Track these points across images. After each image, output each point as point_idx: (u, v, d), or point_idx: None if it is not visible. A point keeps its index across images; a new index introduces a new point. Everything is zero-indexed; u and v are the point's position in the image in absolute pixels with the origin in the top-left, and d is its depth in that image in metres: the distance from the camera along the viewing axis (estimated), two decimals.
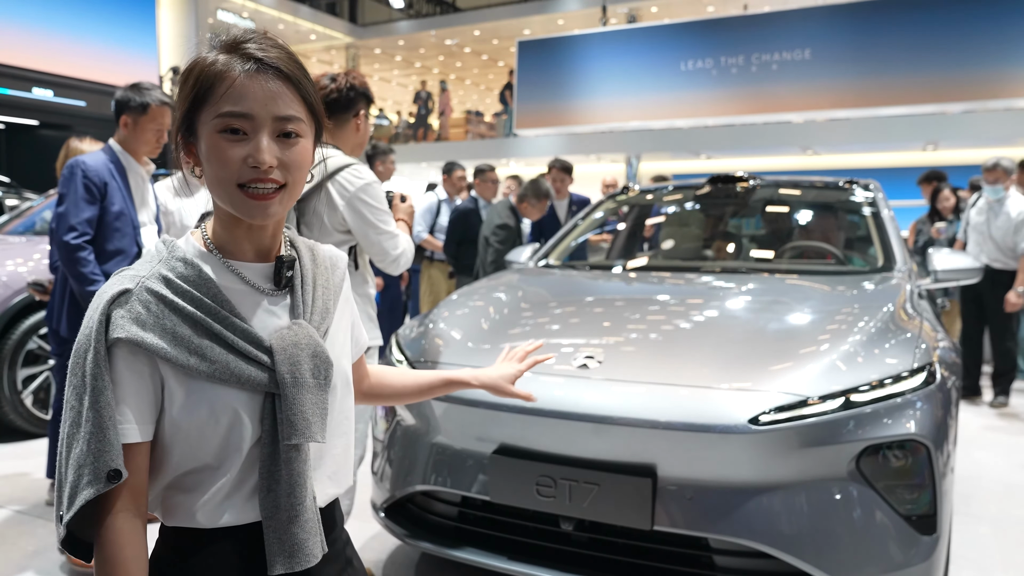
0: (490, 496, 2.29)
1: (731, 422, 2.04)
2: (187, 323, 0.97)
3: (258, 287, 1.05)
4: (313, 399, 1.01)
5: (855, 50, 13.18)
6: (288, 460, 1.00)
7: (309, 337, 1.03)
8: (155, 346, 0.94)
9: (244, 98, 0.97)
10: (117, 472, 0.93)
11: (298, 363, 1.00)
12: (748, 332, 2.48)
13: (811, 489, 2.04)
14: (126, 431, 0.95)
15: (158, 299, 0.96)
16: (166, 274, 0.98)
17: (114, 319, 0.94)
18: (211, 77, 0.98)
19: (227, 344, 0.98)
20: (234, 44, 1.00)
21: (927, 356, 2.28)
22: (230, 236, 1.04)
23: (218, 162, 0.97)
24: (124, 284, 0.97)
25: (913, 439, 2.06)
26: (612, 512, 2.13)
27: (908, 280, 3.04)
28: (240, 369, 0.98)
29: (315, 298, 1.09)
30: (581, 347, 2.43)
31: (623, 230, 4.68)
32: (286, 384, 0.99)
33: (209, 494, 1.00)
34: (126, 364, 0.95)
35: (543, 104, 16.50)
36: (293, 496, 1.00)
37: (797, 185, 4.16)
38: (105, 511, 0.95)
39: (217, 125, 0.97)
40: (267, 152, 0.97)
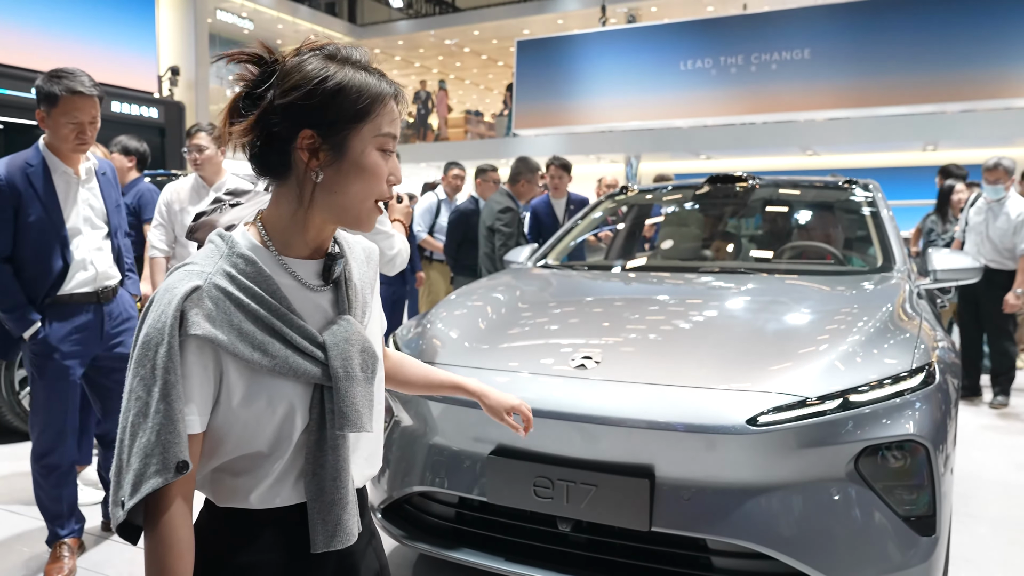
0: (487, 497, 2.29)
1: (729, 423, 2.03)
2: (251, 319, 1.02)
3: (307, 283, 1.10)
4: (362, 391, 1.09)
5: (854, 50, 13.17)
6: (335, 447, 1.07)
7: (358, 333, 1.10)
8: (225, 343, 0.99)
9: (395, 123, 1.08)
10: (185, 463, 0.98)
11: (349, 358, 1.07)
12: (746, 332, 2.48)
13: (809, 490, 2.03)
14: (191, 423, 1.00)
15: (225, 296, 1.01)
16: (229, 270, 1.03)
17: (189, 316, 0.98)
18: (379, 97, 1.06)
19: (286, 340, 1.04)
20: (362, 63, 1.08)
21: (926, 356, 2.27)
22: (294, 236, 1.09)
23: (374, 177, 1.06)
24: (194, 281, 1.01)
25: (912, 439, 2.05)
26: (610, 513, 2.12)
27: (907, 280, 3.04)
28: (297, 364, 1.04)
29: (357, 293, 1.15)
30: (579, 347, 2.42)
31: (622, 230, 4.66)
32: (339, 378, 1.06)
33: (260, 478, 1.07)
34: (196, 359, 1.00)
35: (542, 104, 16.49)
36: (338, 480, 1.08)
37: (796, 185, 4.15)
38: (160, 496, 1.00)
39: (379, 143, 1.06)
40: (400, 169, 1.10)
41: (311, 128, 1.04)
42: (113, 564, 2.97)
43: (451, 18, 21.39)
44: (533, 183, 5.39)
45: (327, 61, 1.06)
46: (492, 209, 5.22)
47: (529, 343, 2.60)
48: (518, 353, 2.54)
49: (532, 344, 2.58)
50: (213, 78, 16.90)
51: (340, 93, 1.04)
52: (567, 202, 5.81)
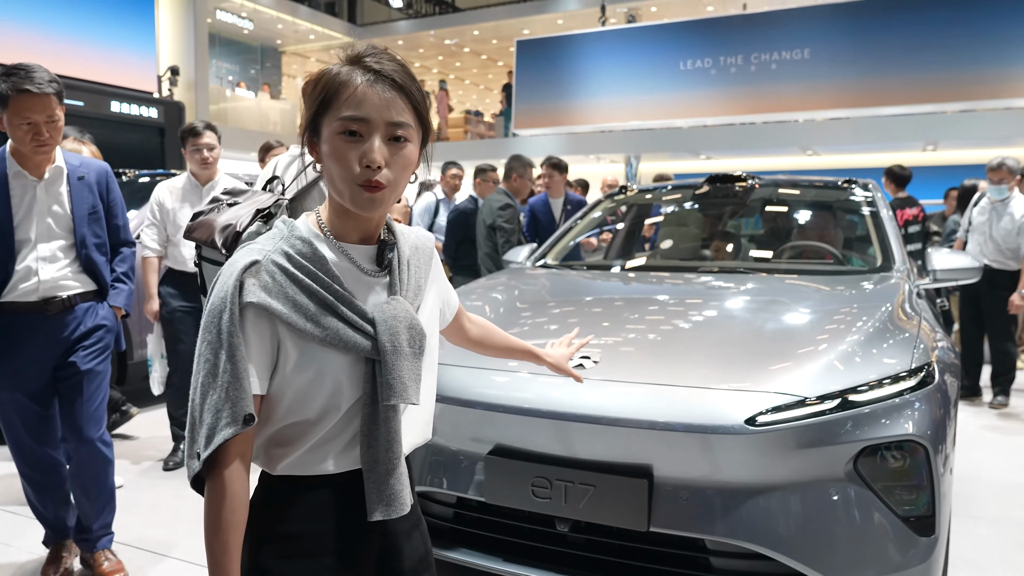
0: (485, 497, 2.28)
1: (727, 423, 2.02)
2: (305, 293, 1.10)
3: (362, 267, 1.18)
4: (409, 365, 1.15)
5: (854, 50, 13.18)
6: (387, 419, 1.14)
7: (406, 311, 1.16)
8: (279, 311, 1.08)
9: (363, 104, 1.11)
10: (252, 416, 1.07)
11: (397, 333, 1.14)
12: (745, 332, 2.47)
13: (808, 490, 2.02)
14: (253, 383, 1.09)
15: (281, 271, 1.10)
16: (287, 250, 1.12)
17: (247, 286, 1.08)
18: (336, 85, 1.12)
19: (337, 314, 1.11)
20: (356, 57, 1.14)
21: (925, 356, 2.27)
22: (341, 223, 1.18)
23: (337, 160, 1.11)
24: (254, 256, 1.10)
25: (911, 440, 2.04)
26: (608, 513, 2.12)
27: (907, 280, 3.03)
28: (348, 336, 1.11)
29: (409, 277, 1.23)
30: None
31: (621, 230, 4.66)
32: (386, 352, 1.12)
33: (309, 445, 1.14)
34: (253, 325, 1.09)
35: (542, 104, 16.50)
36: (391, 451, 1.15)
37: (795, 185, 4.15)
38: (222, 452, 1.08)
39: (338, 127, 1.10)
40: (378, 152, 1.10)
41: (308, 123, 1.17)
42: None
43: (451, 18, 21.39)
44: (526, 178, 5.40)
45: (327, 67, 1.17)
46: (491, 207, 5.21)
47: (528, 340, 2.58)
48: None
49: (530, 342, 2.56)
50: (213, 78, 16.92)
51: (316, 86, 1.14)
52: (564, 202, 5.81)
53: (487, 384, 2.37)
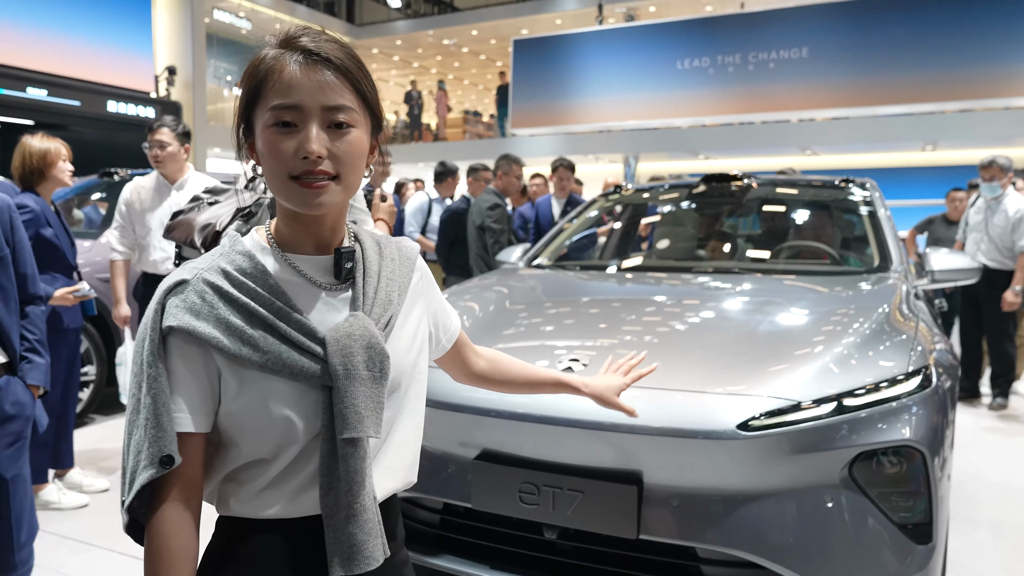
0: (472, 503, 2.22)
1: (719, 427, 1.97)
2: (241, 313, 0.97)
3: (316, 281, 1.04)
4: (367, 392, 0.99)
5: (853, 49, 13.12)
6: (346, 456, 0.98)
7: (364, 328, 1.01)
8: (207, 335, 0.95)
9: (293, 89, 0.97)
10: (170, 458, 0.94)
11: (351, 354, 0.98)
12: (739, 334, 2.42)
13: (802, 497, 1.96)
14: (179, 420, 0.96)
15: (213, 289, 0.97)
16: (224, 266, 0.99)
17: (168, 308, 0.96)
18: (262, 72, 0.99)
19: (280, 335, 0.97)
20: (287, 39, 1.00)
21: (923, 359, 2.21)
22: (290, 231, 1.04)
23: (271, 156, 0.98)
24: (182, 275, 0.98)
25: (908, 445, 1.99)
26: (597, 520, 2.06)
27: (904, 280, 2.98)
28: (292, 360, 0.96)
29: (377, 290, 1.07)
30: (567, 350, 2.36)
31: (616, 230, 4.61)
32: (338, 376, 0.97)
33: (264, 485, 1.00)
34: (179, 353, 0.96)
35: (539, 103, 16.44)
36: (351, 494, 0.98)
37: (792, 184, 4.09)
38: (157, 499, 0.97)
39: (269, 119, 0.97)
40: (315, 141, 0.96)
41: (240, 120, 1.04)
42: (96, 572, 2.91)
43: (449, 18, 21.34)
44: (511, 175, 5.36)
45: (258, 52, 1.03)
46: (480, 208, 5.17)
47: (516, 345, 2.53)
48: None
49: (519, 346, 2.51)
50: (210, 78, 16.87)
51: (245, 79, 1.01)
52: (566, 203, 5.77)
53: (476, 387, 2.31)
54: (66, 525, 3.31)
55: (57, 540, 3.16)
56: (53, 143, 3.38)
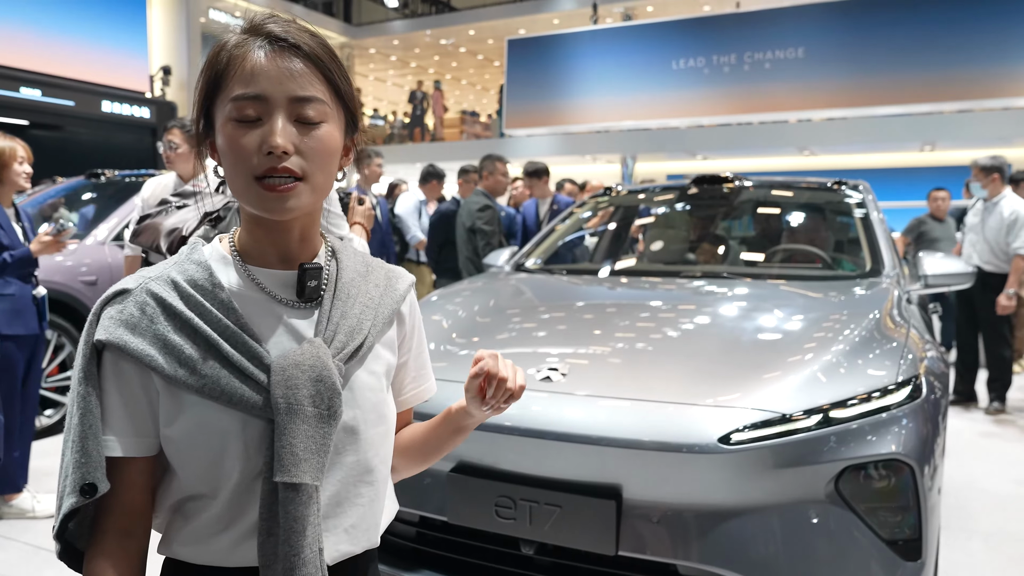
0: (448, 517, 2.16)
1: (700, 441, 1.90)
2: (183, 330, 0.87)
3: (279, 298, 0.93)
4: (309, 432, 0.88)
5: (849, 48, 13.05)
6: (285, 501, 0.87)
7: (316, 358, 0.89)
8: (139, 351, 0.85)
9: (257, 78, 0.87)
10: (92, 486, 0.85)
11: (295, 387, 0.87)
12: (724, 342, 2.35)
13: (786, 512, 1.90)
14: (108, 443, 0.87)
15: (157, 302, 0.88)
16: (175, 276, 0.90)
17: (103, 319, 0.87)
18: (223, 60, 0.89)
19: (223, 357, 0.87)
20: (253, 25, 0.91)
21: (913, 368, 2.14)
22: (253, 240, 0.94)
23: (232, 152, 0.88)
24: (126, 284, 0.90)
25: (896, 459, 1.92)
26: (574, 536, 1.99)
27: (896, 285, 2.91)
28: (232, 387, 0.86)
29: (346, 314, 0.95)
30: (546, 358, 2.29)
31: (604, 233, 4.54)
32: (279, 410, 0.87)
33: (206, 526, 0.90)
34: (112, 370, 0.87)
35: (534, 103, 16.36)
36: (289, 544, 0.87)
37: (784, 186, 4.02)
38: (96, 528, 0.90)
39: (230, 111, 0.87)
40: (281, 135, 0.86)
41: (199, 113, 0.94)
42: None
43: (447, 18, 21.27)
44: (497, 174, 5.29)
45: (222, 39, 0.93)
46: (470, 210, 5.10)
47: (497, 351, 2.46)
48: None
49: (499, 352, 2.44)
50: None
51: (205, 67, 0.92)
52: (551, 203, 5.71)
53: (450, 398, 2.23)
54: (40, 535, 3.24)
55: (31, 551, 3.09)
56: (8, 143, 3.26)
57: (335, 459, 0.94)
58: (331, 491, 0.93)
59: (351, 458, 0.95)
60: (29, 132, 13.49)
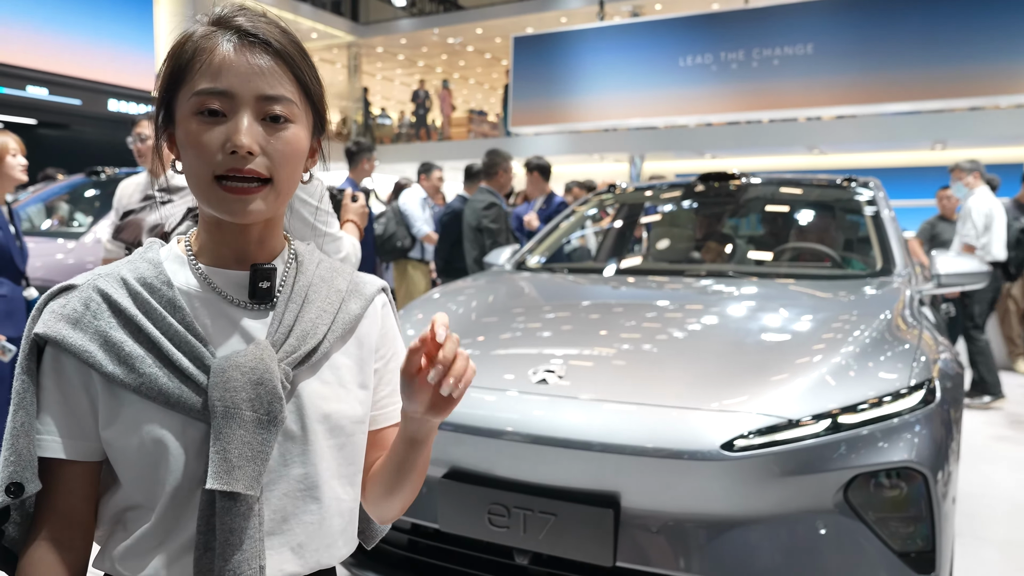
0: (440, 524, 2.08)
1: (702, 447, 1.81)
2: (126, 328, 0.84)
3: (231, 298, 0.90)
4: (246, 437, 0.83)
5: (859, 44, 12.86)
6: (222, 511, 0.82)
7: (258, 360, 0.85)
8: (77, 347, 0.82)
9: (223, 73, 0.83)
10: (19, 486, 0.82)
11: (234, 390, 0.83)
12: (727, 344, 2.26)
13: (793, 523, 1.81)
14: (44, 443, 0.84)
15: (103, 297, 0.85)
16: (124, 275, 0.87)
17: (44, 313, 0.85)
18: (189, 52, 0.85)
19: (164, 356, 0.84)
20: (221, 18, 0.87)
21: (926, 371, 2.05)
22: (211, 239, 0.91)
23: (192, 148, 0.84)
24: (75, 280, 0.87)
25: (909, 466, 1.83)
26: (570, 546, 1.91)
27: (908, 285, 2.81)
28: (169, 387, 0.83)
29: (299, 317, 0.91)
30: (542, 360, 2.21)
31: (608, 231, 4.45)
32: (216, 413, 0.82)
33: (138, 539, 0.86)
34: (53, 366, 0.84)
35: (539, 101, 16.24)
36: (225, 559, 0.82)
37: (793, 183, 3.92)
38: (32, 533, 0.86)
39: (192, 105, 0.84)
40: (246, 134, 0.82)
41: (157, 110, 0.90)
42: None
43: (454, 16, 21.19)
44: (510, 172, 5.19)
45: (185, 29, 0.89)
46: (475, 208, 5.00)
47: (489, 352, 2.38)
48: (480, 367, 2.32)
49: (491, 355, 2.36)
50: None
51: (168, 58, 0.87)
52: (542, 203, 5.62)
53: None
54: None
55: None
56: (0, 137, 3.18)
57: (280, 470, 0.88)
58: (275, 504, 0.88)
59: (297, 470, 0.89)
60: (36, 131, 13.53)
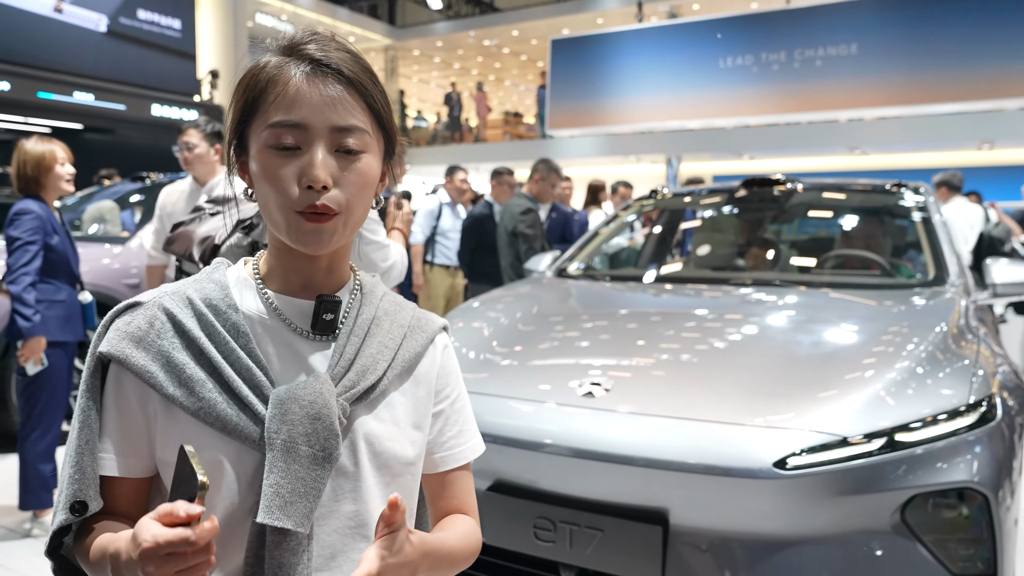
0: (484, 538, 2.06)
1: (754, 465, 1.77)
2: (189, 349, 0.84)
3: (295, 327, 0.89)
4: (300, 473, 0.81)
5: (905, 43, 12.61)
6: (272, 545, 0.81)
7: (317, 394, 0.84)
8: (140, 367, 0.83)
9: (297, 105, 0.83)
10: (83, 504, 0.83)
11: (291, 423, 0.82)
12: (778, 357, 2.21)
13: (847, 543, 1.76)
14: (104, 461, 0.85)
15: (168, 317, 0.85)
16: (190, 294, 0.88)
17: (109, 331, 0.85)
18: (262, 83, 0.85)
19: (224, 382, 0.84)
20: (292, 46, 0.87)
21: (985, 387, 1.99)
22: (279, 265, 0.91)
23: (268, 182, 0.84)
24: (140, 297, 0.88)
25: (969, 487, 1.77)
26: (617, 562, 1.88)
27: (963, 295, 2.73)
28: (227, 414, 0.82)
29: (360, 352, 0.90)
30: (589, 370, 2.18)
31: (650, 237, 4.41)
32: (272, 445, 0.81)
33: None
34: (115, 385, 0.85)
35: (577, 104, 16.21)
36: None
37: (840, 189, 3.84)
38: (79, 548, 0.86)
39: (267, 138, 0.84)
40: (322, 168, 0.82)
41: (233, 135, 0.89)
42: None
43: (490, 19, 21.24)
44: (549, 182, 5.16)
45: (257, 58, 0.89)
46: (512, 213, 4.98)
47: (532, 363, 2.37)
48: (517, 376, 2.30)
49: (532, 365, 2.35)
50: None
51: (236, 91, 0.87)
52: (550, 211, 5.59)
53: (489, 412, 2.15)
54: None
55: None
56: (48, 146, 3.24)
57: (331, 506, 0.87)
58: (325, 541, 0.86)
59: (348, 507, 0.88)
60: (83, 135, 13.85)
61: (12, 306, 3.04)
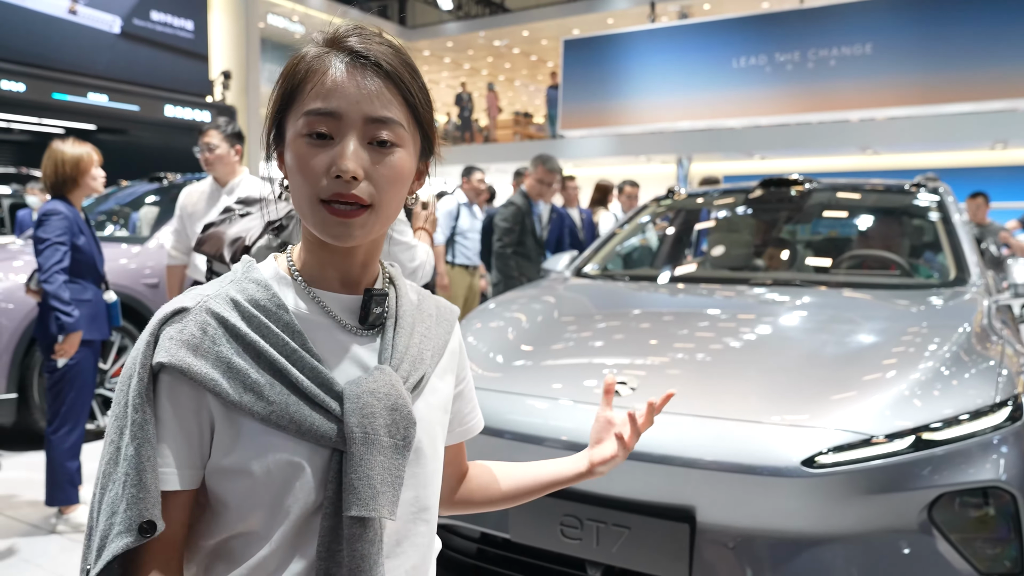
0: (510, 534, 2.09)
1: (781, 463, 1.79)
2: (248, 353, 0.82)
3: (343, 323, 0.88)
4: (385, 463, 0.82)
5: (919, 43, 12.57)
6: (352, 539, 0.81)
7: (390, 386, 0.84)
8: (203, 375, 0.79)
9: (333, 94, 0.82)
10: (151, 524, 0.79)
11: (372, 416, 0.82)
12: (802, 356, 2.22)
13: (874, 542, 1.77)
14: (165, 476, 0.80)
15: (219, 322, 0.82)
16: (235, 296, 0.84)
17: (162, 340, 0.81)
18: (301, 72, 0.84)
19: (291, 383, 0.82)
20: (334, 38, 0.86)
21: (1011, 386, 1.99)
22: (316, 261, 0.89)
23: (299, 170, 0.83)
24: (184, 302, 0.83)
25: (996, 486, 1.78)
26: (644, 559, 1.90)
27: (985, 295, 2.73)
28: (302, 415, 0.81)
29: (409, 345, 0.91)
30: (612, 370, 2.20)
31: (667, 237, 4.42)
32: (355, 440, 0.81)
33: (248, 569, 0.83)
34: (169, 395, 0.81)
35: (589, 104, 16.21)
36: None
37: (857, 189, 3.84)
38: (132, 568, 0.81)
39: (301, 126, 0.83)
40: (352, 159, 0.81)
41: (271, 125, 0.89)
42: None
43: (500, 19, 21.26)
44: (536, 177, 5.15)
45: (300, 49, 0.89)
46: (500, 208, 5.09)
47: (556, 363, 2.39)
48: (541, 376, 2.32)
49: (559, 365, 2.37)
50: (264, 82, 17.08)
51: (281, 78, 0.87)
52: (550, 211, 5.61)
53: (516, 410, 2.17)
54: None
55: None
56: (85, 149, 3.29)
57: None
58: (391, 528, 0.87)
59: (410, 494, 0.89)
60: (96, 136, 13.96)
61: (50, 303, 3.09)
